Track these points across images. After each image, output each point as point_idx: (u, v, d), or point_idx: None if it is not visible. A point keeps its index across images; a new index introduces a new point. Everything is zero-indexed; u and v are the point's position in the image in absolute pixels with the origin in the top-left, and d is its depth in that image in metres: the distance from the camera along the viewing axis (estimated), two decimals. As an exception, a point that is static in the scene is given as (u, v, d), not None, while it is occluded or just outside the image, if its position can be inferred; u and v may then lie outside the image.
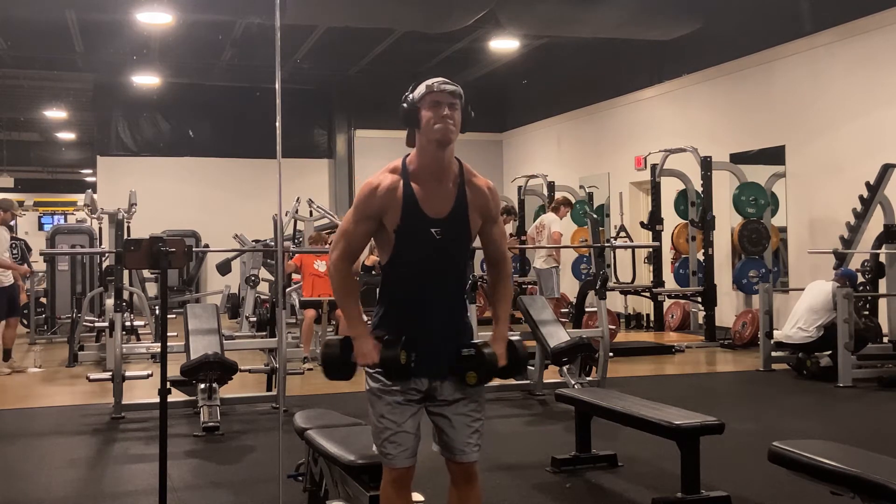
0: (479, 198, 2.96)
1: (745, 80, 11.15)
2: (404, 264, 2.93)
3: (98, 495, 4.71)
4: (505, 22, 11.37)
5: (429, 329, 2.91)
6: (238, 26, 12.53)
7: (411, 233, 2.89)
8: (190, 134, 16.77)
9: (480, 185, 2.97)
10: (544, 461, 5.03)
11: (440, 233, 2.89)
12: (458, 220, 2.92)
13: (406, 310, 2.94)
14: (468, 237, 2.97)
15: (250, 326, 10.82)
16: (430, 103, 2.84)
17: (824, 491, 3.31)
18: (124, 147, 16.60)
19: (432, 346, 2.90)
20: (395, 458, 2.90)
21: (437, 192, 2.90)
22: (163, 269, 3.90)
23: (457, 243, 2.95)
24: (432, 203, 2.89)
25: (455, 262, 2.98)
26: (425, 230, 2.88)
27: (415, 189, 2.88)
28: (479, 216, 2.97)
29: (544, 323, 7.27)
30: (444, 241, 2.90)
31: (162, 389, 3.85)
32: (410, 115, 2.88)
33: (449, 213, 2.90)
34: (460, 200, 2.92)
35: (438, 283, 2.94)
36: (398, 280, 2.96)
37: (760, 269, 10.41)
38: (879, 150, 9.04)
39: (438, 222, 2.89)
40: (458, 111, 2.87)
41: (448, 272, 2.97)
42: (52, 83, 16.98)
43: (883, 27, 9.20)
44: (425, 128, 2.85)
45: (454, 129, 2.85)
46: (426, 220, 2.88)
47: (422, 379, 2.91)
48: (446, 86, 2.87)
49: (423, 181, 2.89)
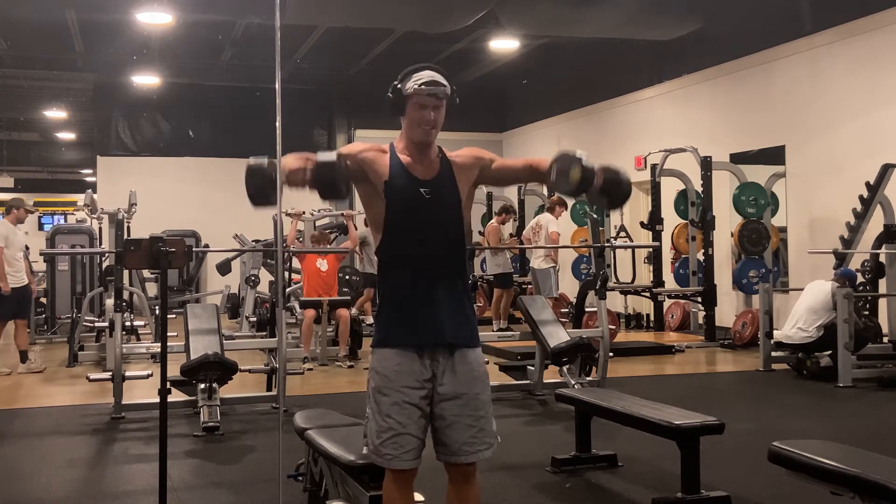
0: (462, 160, 3.06)
1: (745, 80, 11.15)
2: (397, 231, 2.95)
3: (98, 495, 4.71)
4: (505, 22, 11.37)
5: (429, 298, 2.91)
6: (238, 26, 12.53)
7: (400, 190, 2.94)
8: (190, 134, 16.76)
9: (459, 153, 3.09)
10: (544, 461, 5.03)
11: (429, 193, 2.95)
12: (445, 181, 2.99)
13: (405, 281, 2.95)
14: (457, 198, 3.00)
15: (250, 326, 10.83)
16: (415, 104, 2.93)
17: (824, 491, 3.31)
18: (124, 147, 16.59)
19: (433, 315, 2.90)
20: (395, 458, 2.87)
21: (422, 161, 3.00)
22: (163, 269, 3.90)
23: (447, 204, 2.98)
24: (419, 168, 2.98)
25: (448, 226, 2.99)
26: (414, 190, 2.94)
27: (401, 158, 2.99)
28: (467, 178, 3.03)
29: (544, 323, 7.27)
30: (433, 200, 2.95)
31: (162, 389, 3.85)
32: (396, 105, 2.98)
33: (435, 175, 2.99)
34: (445, 166, 3.02)
35: (434, 251, 2.95)
36: (393, 252, 2.97)
37: (760, 269, 10.41)
38: (879, 150, 9.04)
39: (426, 183, 2.96)
40: (441, 112, 2.97)
41: (443, 238, 2.97)
42: (52, 83, 16.97)
43: (883, 27, 9.20)
44: (409, 123, 2.97)
45: (434, 131, 2.97)
46: (414, 180, 2.96)
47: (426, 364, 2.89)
48: (434, 87, 2.93)
49: (408, 154, 3.00)
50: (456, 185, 3.01)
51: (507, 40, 13.19)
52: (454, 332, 2.93)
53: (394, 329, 2.94)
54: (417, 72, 2.98)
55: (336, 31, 12.52)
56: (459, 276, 3.02)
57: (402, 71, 3.01)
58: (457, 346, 2.93)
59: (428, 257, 2.95)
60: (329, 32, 12.60)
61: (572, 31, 11.96)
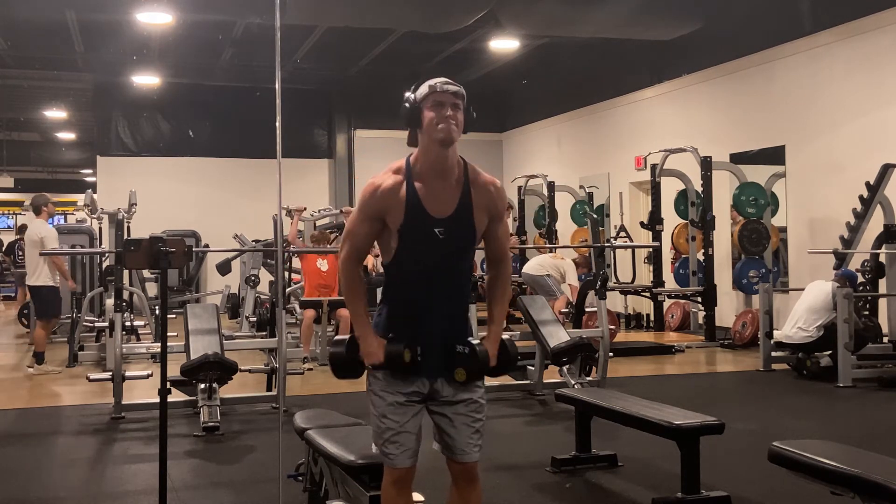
0: (483, 197, 2.93)
1: (745, 80, 11.15)
2: (407, 264, 2.92)
3: (98, 495, 4.71)
4: (505, 22, 11.37)
5: (431, 329, 2.91)
6: (238, 26, 12.53)
7: (414, 232, 2.87)
8: (190, 134, 16.76)
9: (485, 184, 2.95)
10: (544, 461, 5.03)
11: (443, 232, 2.87)
12: (461, 219, 2.90)
13: (409, 309, 2.94)
14: (472, 237, 2.95)
15: (250, 326, 10.83)
16: (432, 103, 2.84)
17: (824, 491, 3.31)
18: (124, 147, 16.59)
19: (434, 346, 2.90)
20: (397, 458, 2.90)
21: (440, 191, 2.88)
22: (163, 269, 3.90)
23: (460, 243, 2.93)
24: (436, 202, 2.87)
25: (458, 262, 2.97)
26: (428, 230, 2.87)
27: (418, 188, 2.87)
28: (484, 215, 2.95)
29: (544, 323, 7.27)
30: (447, 240, 2.88)
31: (162, 389, 3.84)
32: (413, 116, 2.86)
33: (453, 212, 2.88)
34: (464, 200, 2.90)
35: (441, 283, 2.93)
36: (401, 280, 2.96)
37: (760, 269, 10.41)
38: (879, 150, 9.04)
39: (442, 222, 2.87)
40: (460, 111, 2.86)
41: (451, 272, 2.95)
42: (52, 83, 16.96)
43: (883, 27, 9.21)
44: (428, 128, 2.84)
45: (457, 129, 2.85)
46: (429, 219, 2.86)
47: (423, 380, 2.91)
48: (449, 86, 2.86)
49: (426, 180, 2.88)
50: (472, 223, 2.92)
51: (507, 40, 13.19)
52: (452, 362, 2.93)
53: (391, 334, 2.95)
54: (430, 78, 2.92)
55: (336, 31, 12.52)
56: (462, 299, 3.02)
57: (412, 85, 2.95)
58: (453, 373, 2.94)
59: (434, 288, 2.92)
60: (329, 32, 12.60)
61: (572, 31, 11.96)
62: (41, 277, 8.77)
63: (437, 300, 2.92)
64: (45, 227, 8.99)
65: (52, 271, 8.80)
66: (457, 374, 2.91)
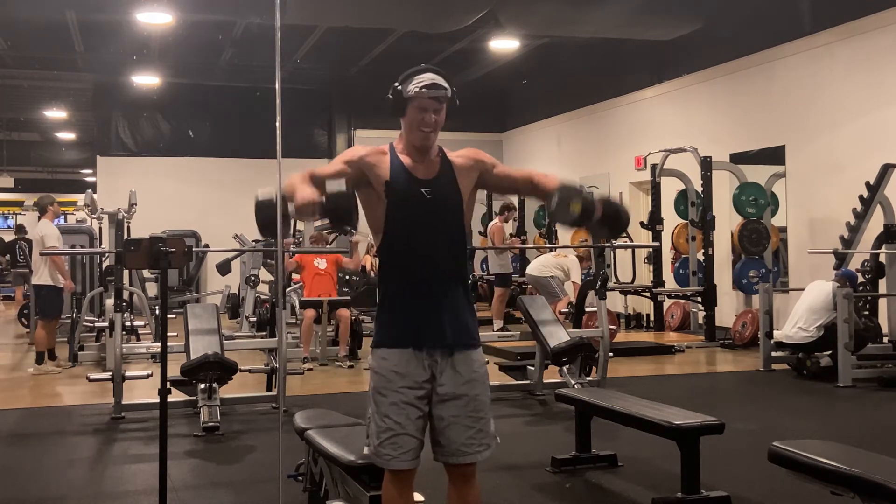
0: (462, 161, 3.05)
1: (745, 80, 11.15)
2: (398, 231, 2.94)
3: (98, 495, 4.71)
4: (505, 22, 11.37)
5: (429, 298, 2.91)
6: (238, 26, 12.53)
7: (401, 191, 2.93)
8: (190, 134, 16.76)
9: (461, 153, 3.08)
10: (544, 461, 5.03)
11: (430, 192, 2.94)
12: (446, 180, 2.98)
13: (406, 281, 2.94)
14: (459, 198, 3.00)
15: (250, 326, 10.82)
16: (415, 107, 2.93)
17: (824, 491, 3.31)
18: (124, 147, 16.59)
19: (433, 316, 2.90)
20: (392, 460, 2.87)
21: (422, 161, 2.99)
22: (163, 269, 3.90)
23: (449, 204, 2.97)
24: (419, 168, 2.97)
25: (451, 227, 2.98)
26: (415, 190, 2.93)
27: (401, 158, 2.98)
28: (469, 180, 3.02)
29: (544, 323, 7.27)
30: (435, 200, 2.94)
31: (162, 389, 3.85)
32: (397, 107, 2.97)
33: (436, 174, 2.98)
34: (445, 166, 3.01)
35: (435, 252, 2.94)
36: (395, 253, 2.96)
37: (760, 269, 10.41)
38: (879, 150, 9.04)
39: (427, 182, 2.96)
40: (442, 113, 2.97)
41: (445, 238, 2.97)
42: (52, 83, 16.96)
43: (883, 27, 9.20)
44: (409, 125, 2.96)
45: (434, 135, 2.97)
46: (415, 180, 2.95)
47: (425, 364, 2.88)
48: (435, 90, 2.92)
49: (409, 154, 2.99)
50: (458, 186, 3.00)
51: (507, 40, 13.19)
52: (454, 332, 2.92)
53: (393, 329, 2.94)
54: (418, 74, 2.96)
55: (336, 31, 12.52)
56: (460, 276, 3.01)
57: (403, 73, 3.00)
58: (456, 347, 2.92)
59: (429, 258, 2.94)
60: (329, 32, 12.60)
61: (572, 31, 11.96)
62: (42, 277, 8.82)
63: (433, 269, 2.93)
64: (48, 227, 9.02)
65: (52, 271, 8.82)
66: (573, 206, 2.88)
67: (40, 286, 8.92)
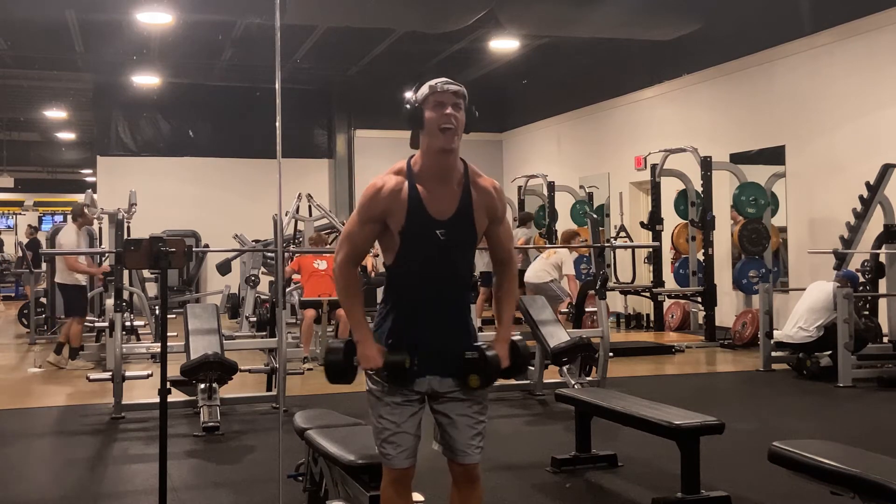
0: (484, 198, 2.94)
1: (745, 80, 11.15)
2: (409, 265, 2.92)
3: (98, 495, 4.71)
4: (505, 22, 11.36)
5: (432, 331, 2.91)
6: (238, 26, 12.52)
7: (416, 235, 2.88)
8: (190, 134, 16.76)
9: (486, 186, 2.96)
10: (544, 461, 5.03)
11: (445, 234, 2.87)
12: (462, 221, 2.90)
13: (410, 311, 2.94)
14: (473, 239, 2.96)
15: (250, 326, 10.82)
16: (433, 104, 2.84)
17: (824, 491, 3.31)
18: (124, 147, 16.59)
19: (435, 348, 2.90)
20: (394, 458, 2.90)
21: (441, 193, 2.88)
22: (163, 269, 3.90)
23: (462, 245, 2.94)
24: (437, 204, 2.87)
25: (459, 263, 2.97)
26: (430, 232, 2.87)
27: (419, 190, 2.87)
28: (485, 217, 2.95)
29: (544, 323, 7.27)
30: (448, 242, 2.89)
31: (162, 389, 3.84)
32: (414, 117, 2.86)
33: (454, 214, 2.89)
34: (465, 201, 2.90)
35: (443, 285, 2.93)
36: (402, 281, 2.95)
37: (760, 269, 10.41)
38: (879, 150, 9.04)
39: (443, 224, 2.88)
40: (461, 111, 2.86)
41: (453, 274, 2.95)
42: (52, 83, 16.96)
43: (883, 27, 9.21)
44: (429, 130, 2.84)
45: (458, 133, 2.85)
46: (431, 221, 2.87)
47: (424, 379, 2.91)
48: (450, 86, 2.87)
49: (427, 182, 2.88)
50: (473, 224, 2.93)
51: (507, 40, 13.19)
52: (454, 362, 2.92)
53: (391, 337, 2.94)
54: (431, 78, 2.92)
55: (336, 31, 12.52)
56: (463, 300, 3.02)
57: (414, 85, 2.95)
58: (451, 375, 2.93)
59: (435, 290, 2.93)
60: (329, 32, 12.60)
61: (572, 31, 11.96)
62: (63, 276, 9.35)
63: (439, 302, 2.93)
64: (68, 235, 9.47)
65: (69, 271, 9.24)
66: (470, 381, 2.90)
67: (63, 285, 9.41)
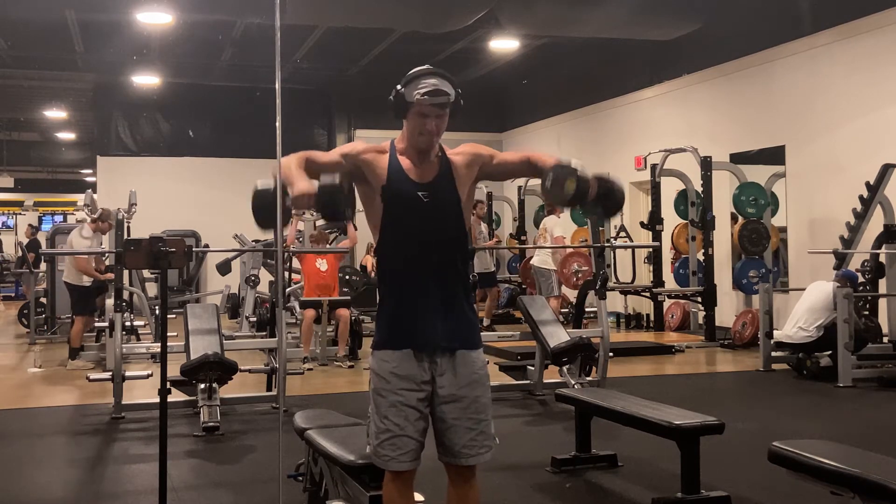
0: (462, 159, 3.04)
1: (745, 80, 11.15)
2: (396, 233, 2.94)
3: (98, 495, 4.71)
4: (505, 22, 11.36)
5: (427, 301, 2.91)
6: (238, 26, 12.52)
7: (398, 194, 2.93)
8: (190, 134, 16.76)
9: (460, 150, 3.07)
10: (544, 461, 5.03)
11: (427, 196, 2.94)
12: (444, 184, 2.97)
13: (403, 283, 2.95)
14: (456, 198, 2.99)
15: (250, 326, 10.82)
16: (417, 112, 2.91)
17: (824, 491, 3.31)
18: (124, 147, 16.59)
19: (431, 319, 2.90)
20: (391, 461, 2.88)
21: (421, 163, 2.98)
22: (163, 269, 3.90)
23: (445, 205, 2.97)
24: (417, 171, 2.97)
25: (447, 227, 2.98)
26: (412, 192, 2.93)
27: (400, 160, 2.98)
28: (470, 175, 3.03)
29: (544, 323, 7.27)
30: (432, 203, 2.94)
31: (162, 389, 3.84)
32: (398, 109, 2.96)
33: (434, 177, 2.97)
34: (444, 168, 3.00)
35: (433, 253, 2.94)
36: (392, 254, 2.97)
37: (760, 269, 10.41)
38: (879, 150, 9.04)
39: (425, 186, 2.95)
40: (444, 119, 2.95)
41: (442, 241, 2.96)
42: (52, 83, 16.96)
43: (883, 27, 9.20)
44: (410, 129, 2.95)
45: (436, 140, 2.96)
46: (412, 183, 2.94)
47: (425, 364, 2.88)
48: (437, 97, 2.89)
49: (408, 156, 2.98)
50: (455, 187, 3.00)
51: (507, 40, 13.19)
52: (452, 334, 2.92)
53: (392, 331, 2.94)
54: (422, 78, 2.93)
55: (336, 31, 12.52)
56: (459, 276, 3.00)
57: (407, 73, 2.98)
58: (455, 349, 2.92)
59: (427, 259, 2.94)
60: (329, 32, 12.60)
61: (572, 31, 11.96)
62: (70, 275, 9.38)
63: (431, 271, 2.93)
64: (78, 235, 9.57)
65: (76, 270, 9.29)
66: (567, 185, 2.85)
67: (71, 285, 9.42)
